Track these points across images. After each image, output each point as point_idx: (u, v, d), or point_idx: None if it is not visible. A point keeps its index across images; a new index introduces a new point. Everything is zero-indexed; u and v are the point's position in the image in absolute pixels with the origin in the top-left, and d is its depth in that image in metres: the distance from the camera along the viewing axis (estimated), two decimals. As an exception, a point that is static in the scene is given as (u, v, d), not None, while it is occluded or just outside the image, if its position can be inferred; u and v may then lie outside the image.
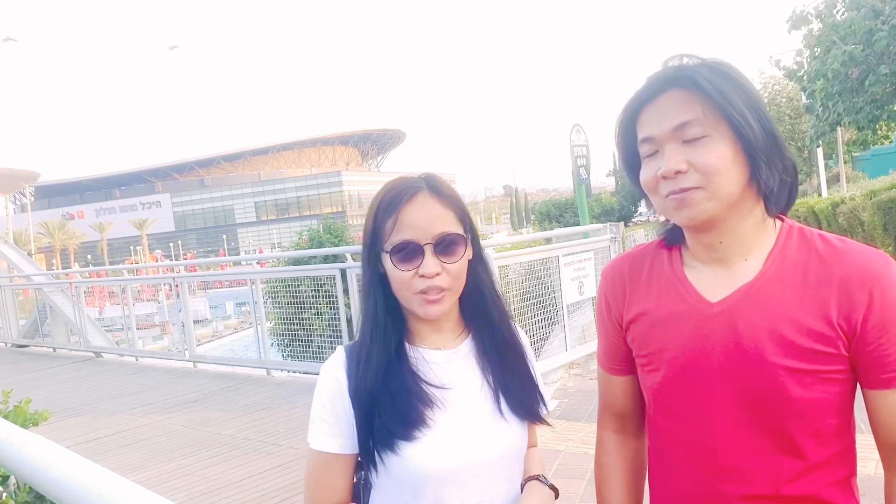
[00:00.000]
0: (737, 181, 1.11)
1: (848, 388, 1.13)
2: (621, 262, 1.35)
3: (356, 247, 10.59)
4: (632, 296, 1.29)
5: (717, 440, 1.16)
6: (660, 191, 1.14)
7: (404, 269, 1.23)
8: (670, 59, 1.17)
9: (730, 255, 1.17)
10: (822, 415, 1.12)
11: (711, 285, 1.18)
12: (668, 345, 1.20)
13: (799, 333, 1.10)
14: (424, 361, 1.28)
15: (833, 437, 1.14)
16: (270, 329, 8.58)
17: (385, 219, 1.25)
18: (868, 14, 12.15)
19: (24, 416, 2.44)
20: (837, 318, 1.09)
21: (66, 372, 9.80)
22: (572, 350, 6.65)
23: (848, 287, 1.09)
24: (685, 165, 1.10)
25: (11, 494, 2.10)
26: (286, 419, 5.94)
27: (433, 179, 1.29)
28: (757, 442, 1.14)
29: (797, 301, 1.11)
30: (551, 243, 7.24)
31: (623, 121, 1.21)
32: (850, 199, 14.50)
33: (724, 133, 1.10)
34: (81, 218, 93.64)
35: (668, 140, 1.12)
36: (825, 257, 1.13)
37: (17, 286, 14.41)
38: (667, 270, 1.25)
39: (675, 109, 1.11)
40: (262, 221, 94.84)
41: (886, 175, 17.47)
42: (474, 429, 1.26)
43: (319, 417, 1.28)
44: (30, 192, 62.15)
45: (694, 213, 1.11)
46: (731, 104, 1.09)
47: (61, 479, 1.10)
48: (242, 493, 4.31)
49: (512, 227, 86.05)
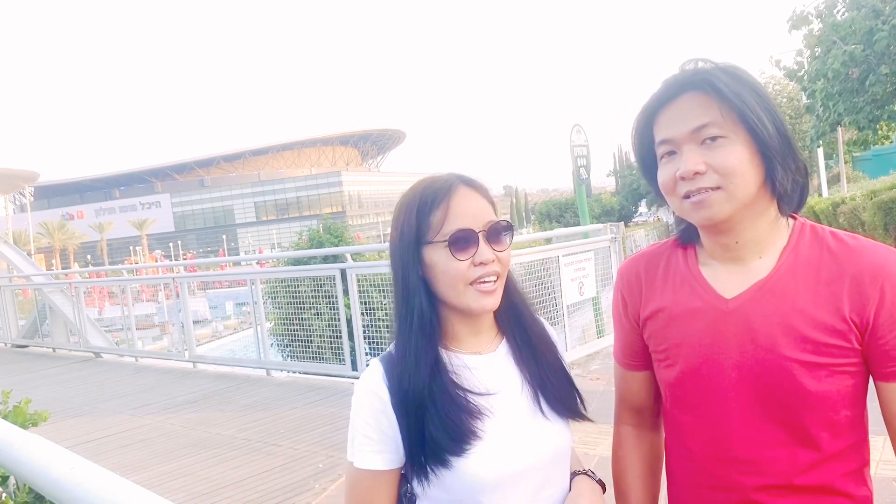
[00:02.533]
0: (753, 182, 1.13)
1: (861, 381, 1.16)
2: (637, 261, 1.38)
3: (356, 247, 10.61)
4: (648, 293, 1.32)
5: (733, 433, 1.19)
6: (678, 191, 1.17)
7: (462, 257, 1.21)
8: (686, 63, 1.20)
9: (745, 253, 1.20)
10: (835, 407, 1.14)
11: (727, 282, 1.21)
12: (685, 340, 1.23)
13: (812, 328, 1.12)
14: (466, 368, 1.26)
15: (847, 428, 1.16)
16: (270, 329, 8.58)
17: (430, 212, 1.23)
18: (868, 14, 12.15)
19: (23, 416, 2.44)
20: (850, 313, 1.11)
21: (66, 372, 9.80)
22: (572, 350, 6.65)
23: (860, 282, 1.12)
24: (704, 167, 1.13)
25: (11, 494, 2.10)
26: (286, 419, 5.92)
27: (464, 175, 1.30)
28: (772, 434, 1.16)
29: (810, 296, 1.14)
30: (551, 243, 7.24)
31: (640, 122, 1.24)
32: (851, 199, 14.51)
33: (740, 135, 1.13)
34: (81, 218, 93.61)
35: (686, 141, 1.15)
36: (837, 254, 1.15)
37: (17, 286, 14.41)
38: (682, 268, 1.28)
39: (693, 112, 1.14)
40: (262, 221, 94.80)
41: (887, 175, 17.46)
42: (522, 432, 1.24)
43: (363, 434, 1.23)
44: (29, 193, 62.09)
45: (712, 213, 1.14)
46: (747, 106, 1.12)
47: (61, 479, 1.10)
48: (242, 494, 4.31)
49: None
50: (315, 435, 5.21)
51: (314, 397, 6.68)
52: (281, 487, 4.31)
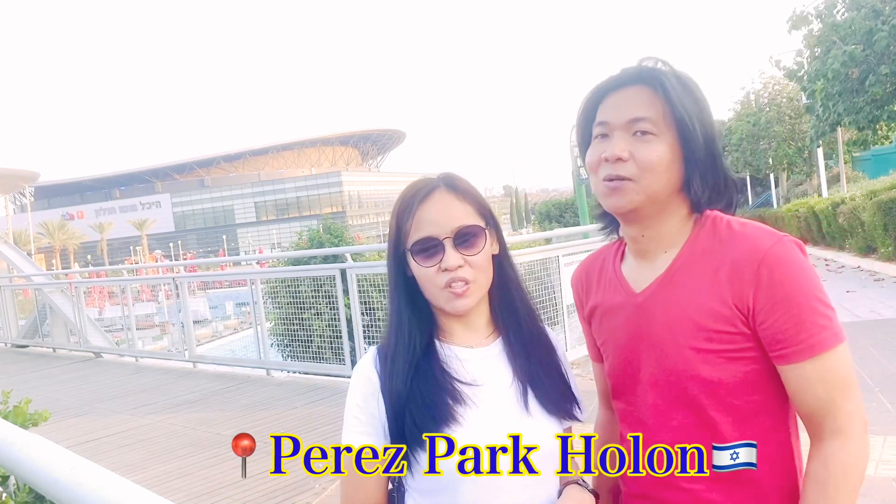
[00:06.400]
0: (667, 183, 1.21)
1: (761, 367, 1.18)
2: (585, 262, 1.49)
3: (356, 247, 10.62)
4: (588, 292, 1.43)
5: (648, 419, 1.27)
6: (599, 172, 1.24)
7: (427, 265, 1.26)
8: (646, 59, 1.26)
9: (652, 247, 1.27)
10: (735, 392, 1.18)
11: (638, 277, 1.30)
12: (612, 334, 1.34)
13: (703, 316, 1.18)
14: (456, 358, 1.29)
15: (753, 415, 1.19)
16: (270, 329, 8.58)
17: (405, 220, 1.28)
18: (868, 14, 12.15)
19: (24, 416, 2.44)
20: (733, 299, 1.16)
21: (66, 372, 9.80)
22: (572, 350, 6.65)
23: (738, 267, 1.16)
24: (627, 154, 1.19)
25: (11, 494, 2.10)
26: (286, 419, 5.93)
27: (450, 176, 1.32)
28: (681, 420, 1.23)
29: (703, 286, 1.20)
30: (551, 243, 7.24)
31: (588, 101, 1.30)
32: (851, 199, 14.52)
33: (668, 138, 1.20)
34: (81, 218, 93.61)
35: (619, 129, 1.21)
36: (723, 241, 1.21)
37: (17, 286, 14.42)
38: (610, 266, 1.38)
39: (636, 103, 1.21)
40: (262, 222, 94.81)
41: (886, 175, 17.46)
42: (504, 426, 1.25)
43: (353, 416, 1.28)
44: (30, 193, 62.09)
45: (622, 202, 1.21)
46: (686, 113, 1.19)
47: (61, 479, 1.10)
48: (242, 493, 4.31)
49: (512, 228, 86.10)
50: (315, 435, 5.20)
51: (314, 397, 6.68)
52: (281, 487, 4.31)
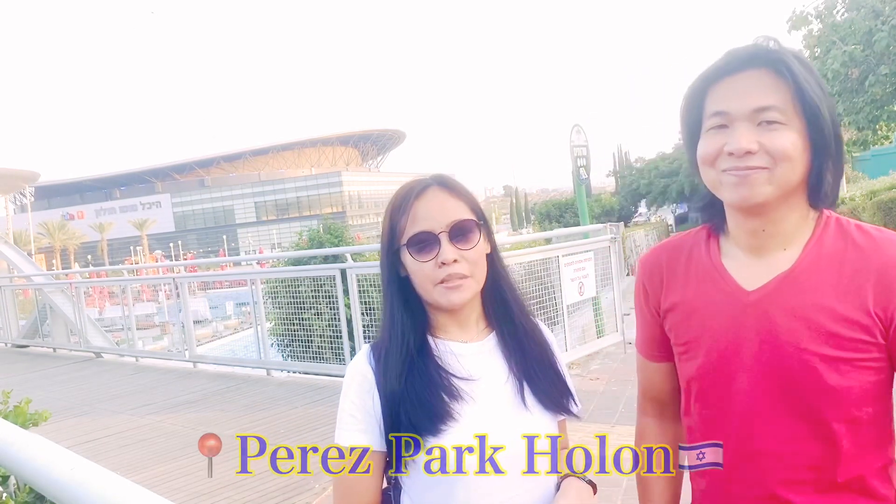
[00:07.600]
0: (800, 172, 1.12)
1: (885, 377, 1.14)
2: (659, 252, 1.36)
3: (356, 247, 10.60)
4: (669, 285, 1.31)
5: (755, 427, 1.17)
6: (718, 165, 1.14)
7: (423, 259, 1.26)
8: (759, 38, 1.15)
9: (770, 243, 1.18)
10: (857, 402, 1.13)
11: (748, 274, 1.19)
12: (706, 333, 1.22)
13: (835, 321, 1.11)
14: (451, 354, 1.30)
15: (869, 425, 1.15)
16: (270, 329, 8.59)
17: (399, 217, 1.28)
18: (868, 14, 12.16)
19: (24, 416, 2.44)
20: (874, 307, 1.10)
21: (66, 372, 9.79)
22: (572, 350, 6.65)
23: (886, 276, 1.10)
24: (756, 146, 1.10)
25: (11, 494, 2.10)
26: (286, 419, 5.93)
27: (442, 176, 1.33)
28: (794, 428, 1.15)
29: (833, 290, 1.12)
30: (551, 243, 7.25)
31: (694, 89, 1.19)
32: (851, 199, 14.51)
33: (797, 124, 1.11)
34: (81, 218, 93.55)
35: (742, 119, 1.11)
36: (862, 247, 1.13)
37: (17, 286, 14.41)
38: (705, 260, 1.26)
39: (759, 89, 1.11)
40: (262, 222, 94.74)
41: (886, 175, 17.47)
42: (500, 421, 1.25)
43: (348, 413, 1.28)
44: (30, 193, 62.10)
45: (753, 192, 1.11)
46: (815, 98, 1.10)
47: (61, 479, 1.10)
48: (242, 493, 4.32)
49: (512, 228, 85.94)
50: (315, 435, 5.19)
51: (314, 397, 6.68)
52: (280, 487, 4.32)
